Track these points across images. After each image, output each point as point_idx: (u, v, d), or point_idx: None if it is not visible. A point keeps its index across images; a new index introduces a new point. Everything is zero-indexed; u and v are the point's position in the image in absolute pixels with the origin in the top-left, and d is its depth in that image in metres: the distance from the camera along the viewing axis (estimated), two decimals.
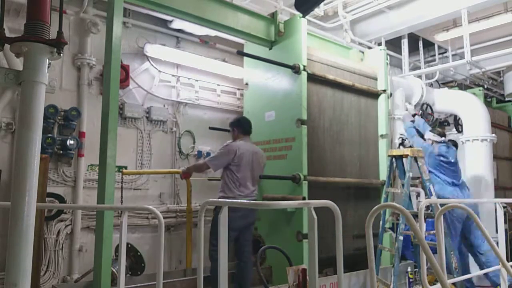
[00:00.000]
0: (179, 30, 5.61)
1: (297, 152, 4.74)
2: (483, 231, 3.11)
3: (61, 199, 4.55)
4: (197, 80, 5.84)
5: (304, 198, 4.57)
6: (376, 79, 5.93)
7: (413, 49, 7.74)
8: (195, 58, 5.73)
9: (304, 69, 4.84)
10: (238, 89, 6.19)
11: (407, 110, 6.36)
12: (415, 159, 5.02)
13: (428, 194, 4.93)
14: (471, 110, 7.02)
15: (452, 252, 4.70)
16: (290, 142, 4.84)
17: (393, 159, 5.24)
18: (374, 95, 5.86)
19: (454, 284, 4.78)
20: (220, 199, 3.94)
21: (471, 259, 5.57)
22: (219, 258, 2.36)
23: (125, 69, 4.99)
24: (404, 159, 5.19)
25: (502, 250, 4.11)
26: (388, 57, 6.22)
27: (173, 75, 5.65)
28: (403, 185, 5.05)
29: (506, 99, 8.91)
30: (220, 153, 4.37)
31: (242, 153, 4.31)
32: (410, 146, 5.61)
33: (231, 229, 3.05)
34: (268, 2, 5.79)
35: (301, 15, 4.87)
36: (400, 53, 7.44)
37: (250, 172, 4.36)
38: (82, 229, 4.66)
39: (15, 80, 1.87)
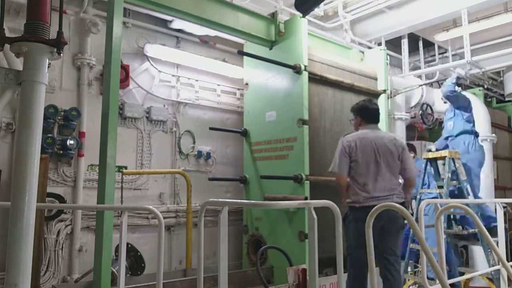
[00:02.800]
0: (179, 30, 5.61)
1: (299, 152, 4.74)
2: (483, 231, 3.11)
3: (61, 199, 4.55)
4: (197, 80, 5.84)
5: (306, 198, 4.57)
6: (376, 79, 5.92)
7: (413, 49, 7.74)
8: (195, 58, 5.73)
9: (305, 69, 4.84)
10: (238, 89, 6.19)
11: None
12: (452, 160, 5.18)
13: (465, 195, 5.04)
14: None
15: (489, 250, 4.68)
16: (292, 142, 4.84)
17: (428, 162, 5.40)
18: (374, 95, 5.85)
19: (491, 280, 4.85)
20: (220, 200, 3.92)
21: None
22: (220, 260, 2.35)
23: (125, 69, 4.99)
24: (439, 161, 5.41)
25: (502, 250, 4.11)
26: (388, 57, 6.22)
27: (173, 75, 5.65)
28: (439, 186, 5.24)
29: (506, 99, 8.92)
30: (337, 152, 3.75)
31: (359, 144, 3.64)
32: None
33: (360, 234, 2.68)
34: (268, 2, 5.79)
35: (301, 15, 4.87)
36: (400, 53, 7.44)
37: (376, 166, 3.61)
38: (82, 229, 4.66)
39: (15, 80, 1.87)
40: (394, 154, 3.68)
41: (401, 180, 3.88)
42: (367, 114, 3.86)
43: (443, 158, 5.23)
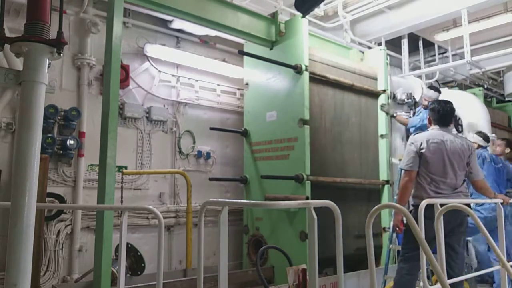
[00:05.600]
0: (179, 30, 5.61)
1: (300, 152, 4.75)
2: (483, 231, 3.11)
3: (61, 199, 4.55)
4: (197, 80, 5.84)
5: (307, 198, 4.57)
6: (376, 79, 5.93)
7: (413, 49, 7.74)
8: (195, 58, 5.73)
9: (306, 69, 4.84)
10: (238, 89, 6.19)
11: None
12: None
13: None
14: (471, 110, 7.02)
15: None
16: (293, 142, 4.85)
17: None
18: (374, 95, 5.86)
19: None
20: (220, 200, 3.92)
21: None
22: (221, 260, 2.34)
23: (125, 69, 4.99)
24: None
25: (502, 250, 4.10)
26: (388, 57, 6.22)
27: (173, 75, 5.65)
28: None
29: (506, 99, 8.92)
30: (406, 150, 3.84)
31: (429, 144, 3.72)
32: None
33: (427, 238, 2.83)
34: (268, 2, 5.79)
35: (301, 15, 4.87)
36: (400, 53, 7.44)
37: (444, 166, 3.73)
38: (82, 229, 4.66)
39: (15, 80, 1.87)
40: (463, 157, 3.80)
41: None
42: (433, 116, 3.94)
43: None
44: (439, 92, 5.93)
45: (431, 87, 5.99)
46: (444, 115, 3.93)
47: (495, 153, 5.88)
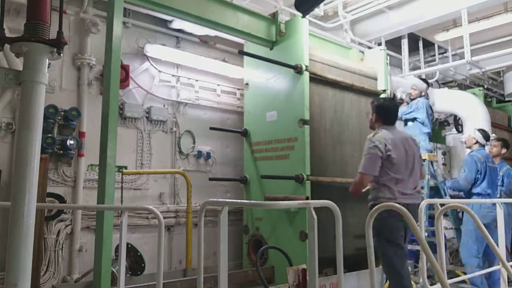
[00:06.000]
0: (179, 30, 5.61)
1: (300, 152, 4.75)
2: (483, 231, 3.11)
3: (61, 199, 4.55)
4: (197, 80, 5.84)
5: (307, 198, 4.57)
6: (376, 79, 5.92)
7: (413, 49, 7.74)
8: (195, 58, 5.73)
9: (306, 69, 4.84)
10: (238, 89, 6.19)
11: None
12: (431, 162, 5.72)
13: (443, 195, 5.51)
14: (471, 110, 7.02)
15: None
16: (293, 142, 4.85)
17: None
18: (374, 95, 5.85)
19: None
20: (220, 200, 3.92)
21: None
22: (221, 260, 2.34)
23: (125, 69, 4.99)
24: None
25: (502, 250, 4.11)
26: (388, 57, 6.22)
27: (173, 75, 5.65)
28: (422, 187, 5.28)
29: (506, 99, 8.92)
30: (367, 152, 3.62)
31: (391, 144, 3.60)
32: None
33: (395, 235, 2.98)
34: (268, 2, 5.79)
35: (301, 15, 4.88)
36: (400, 53, 7.44)
37: (407, 165, 3.67)
38: (82, 229, 4.66)
39: (15, 80, 1.87)
40: (416, 154, 3.80)
41: None
42: (385, 115, 3.81)
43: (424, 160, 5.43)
44: (428, 84, 6.01)
45: (420, 78, 6.10)
46: (393, 112, 3.87)
47: (491, 154, 5.90)
